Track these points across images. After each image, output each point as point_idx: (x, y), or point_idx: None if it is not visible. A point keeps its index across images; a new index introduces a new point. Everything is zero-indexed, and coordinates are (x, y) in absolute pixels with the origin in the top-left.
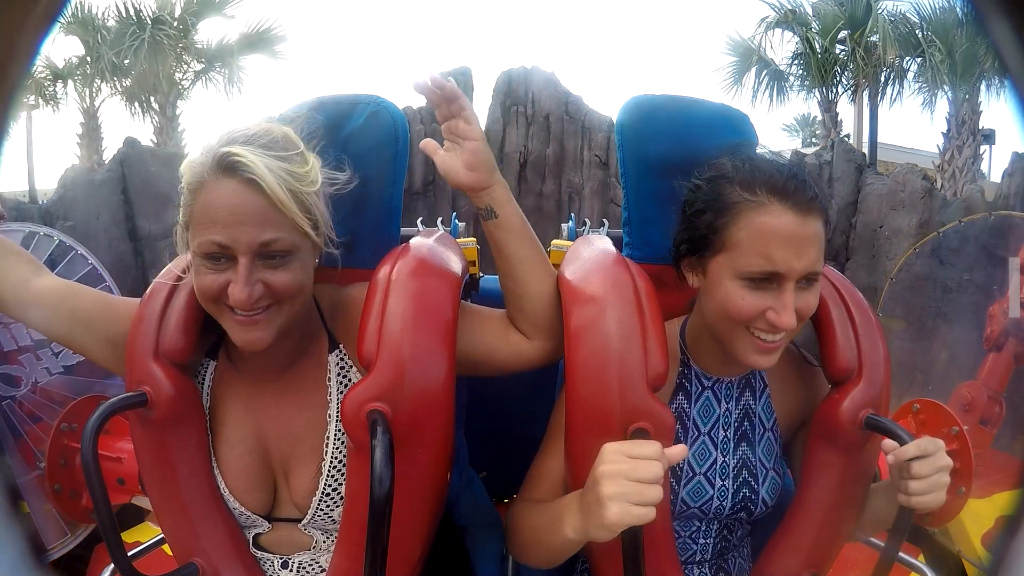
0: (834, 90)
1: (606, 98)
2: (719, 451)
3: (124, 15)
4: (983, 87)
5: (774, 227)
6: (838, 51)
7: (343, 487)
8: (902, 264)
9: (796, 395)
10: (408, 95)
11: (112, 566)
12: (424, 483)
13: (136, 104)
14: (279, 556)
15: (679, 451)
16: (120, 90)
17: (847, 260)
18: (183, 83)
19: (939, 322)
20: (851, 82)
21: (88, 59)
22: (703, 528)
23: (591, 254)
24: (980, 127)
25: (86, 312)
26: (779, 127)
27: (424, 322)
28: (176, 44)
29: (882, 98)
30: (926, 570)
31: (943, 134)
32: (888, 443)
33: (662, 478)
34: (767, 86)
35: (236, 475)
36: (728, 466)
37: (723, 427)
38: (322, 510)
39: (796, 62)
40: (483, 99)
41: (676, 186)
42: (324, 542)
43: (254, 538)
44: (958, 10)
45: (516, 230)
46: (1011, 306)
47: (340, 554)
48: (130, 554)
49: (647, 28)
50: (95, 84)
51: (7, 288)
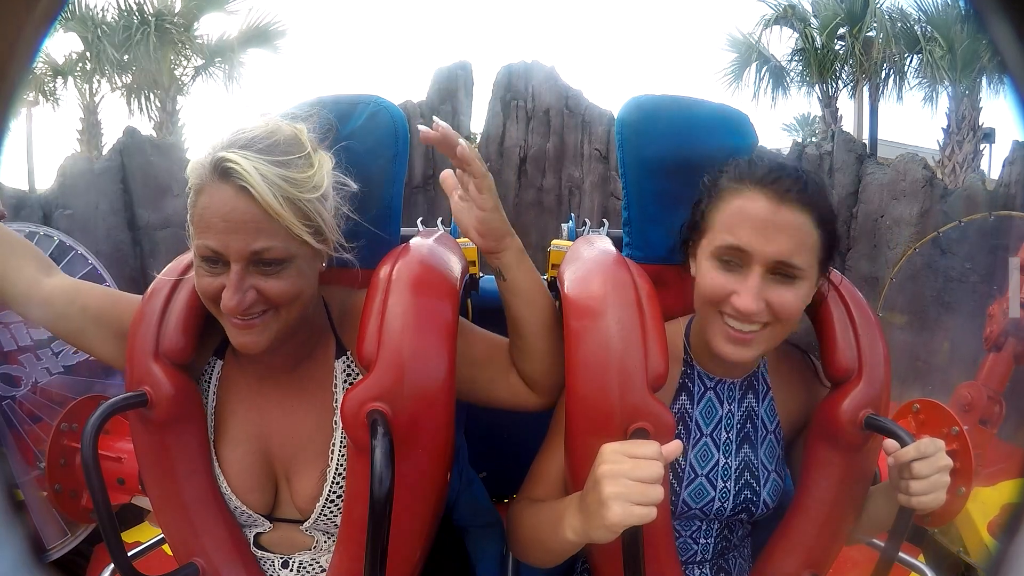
0: (834, 85)
1: (606, 92)
2: (721, 452)
3: (124, 10)
4: (983, 82)
5: (745, 208)
6: (837, 47)
7: (346, 484)
8: (902, 264)
9: (799, 398)
10: (407, 89)
11: (112, 566)
12: (424, 483)
13: (136, 100)
14: (279, 556)
15: (675, 447)
16: (120, 86)
17: (848, 250)
18: (183, 78)
19: (941, 311)
20: (851, 78)
21: (88, 55)
22: (704, 528)
23: (591, 254)
24: (980, 123)
25: (96, 310)
26: (779, 126)
27: (424, 322)
28: (177, 39)
29: (882, 94)
30: (926, 570)
31: (943, 129)
32: (889, 444)
33: (663, 477)
34: (767, 83)
35: (238, 475)
36: (730, 468)
37: (725, 429)
38: (325, 515)
39: (796, 58)
40: (483, 94)
41: (677, 186)
42: (325, 543)
43: (255, 538)
44: (960, 4)
45: (523, 293)
46: (1011, 306)
47: (340, 554)
48: (130, 554)
49: (647, 23)
50: (95, 80)
51: (18, 286)
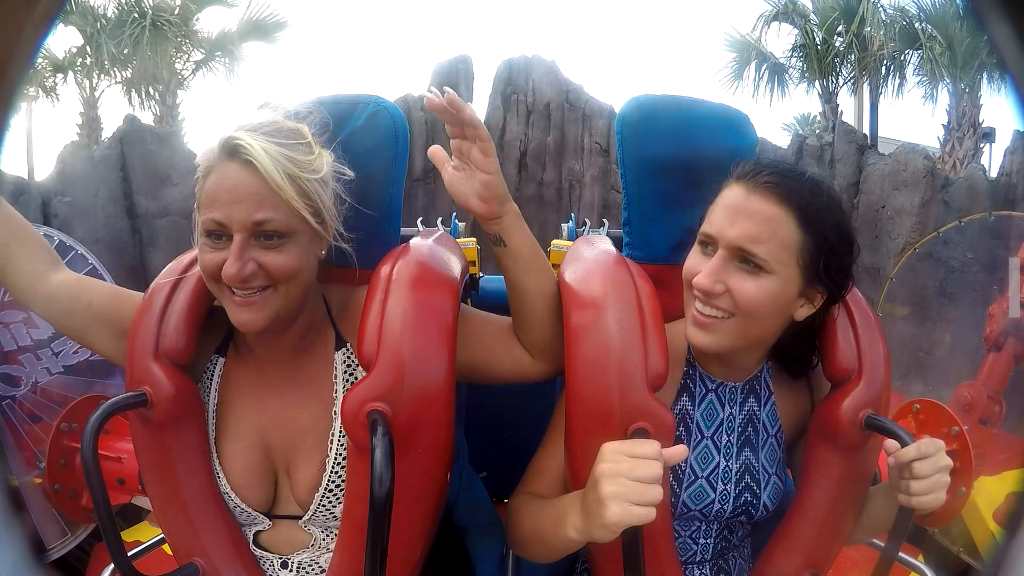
0: (834, 81)
1: (606, 86)
2: (722, 455)
3: (123, 4)
4: (983, 79)
5: (723, 198)
6: (837, 43)
7: (346, 484)
8: (902, 263)
9: (801, 403)
10: (407, 83)
11: (112, 566)
12: (424, 483)
13: (136, 94)
14: (279, 556)
15: (679, 452)
16: (120, 80)
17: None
18: (183, 72)
19: (944, 302)
20: (851, 74)
21: (88, 49)
22: (703, 529)
23: (591, 254)
24: (980, 120)
25: (99, 308)
26: (779, 126)
27: (424, 322)
28: (175, 34)
29: (883, 91)
30: (926, 570)
31: (944, 126)
32: (889, 444)
33: (662, 478)
34: (767, 80)
35: (238, 472)
36: (730, 471)
37: (726, 432)
38: (324, 506)
39: (796, 54)
40: (484, 88)
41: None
42: (323, 540)
43: (254, 536)
44: (959, 1)
45: (524, 259)
46: (1011, 306)
47: (340, 554)
48: (130, 554)
49: (647, 17)
50: (95, 75)
51: (25, 279)
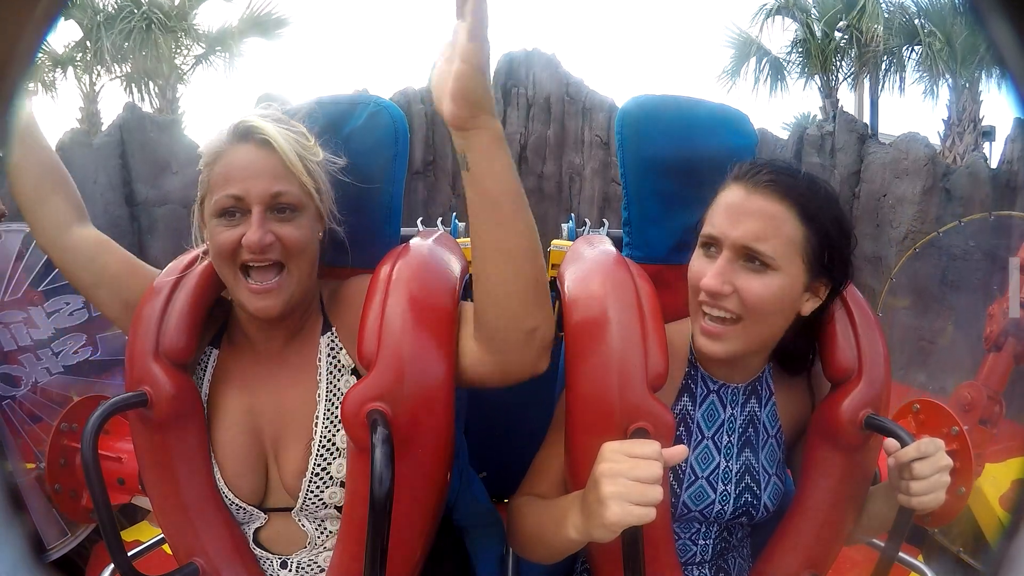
0: (834, 76)
1: (607, 80)
2: (722, 456)
3: None
4: (983, 75)
5: (723, 199)
6: (837, 37)
7: (331, 467)
8: (902, 263)
9: (801, 403)
10: (408, 77)
11: (112, 566)
12: (424, 483)
13: (136, 88)
14: (278, 556)
15: (679, 452)
16: (120, 74)
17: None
18: (183, 67)
19: (946, 291)
20: (851, 69)
21: (87, 43)
22: (703, 529)
23: (591, 254)
24: (980, 116)
25: (115, 271)
26: (779, 125)
27: (424, 322)
28: (176, 27)
29: (883, 87)
30: (926, 570)
31: (944, 121)
32: (889, 444)
33: (662, 478)
34: (767, 75)
35: (230, 459)
36: (731, 471)
37: (727, 433)
38: (312, 492)
39: (796, 49)
40: None
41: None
42: (317, 536)
43: (254, 535)
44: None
45: (489, 192)
46: (1011, 306)
47: (340, 553)
48: (130, 554)
49: (648, 11)
50: (95, 69)
51: (49, 228)
